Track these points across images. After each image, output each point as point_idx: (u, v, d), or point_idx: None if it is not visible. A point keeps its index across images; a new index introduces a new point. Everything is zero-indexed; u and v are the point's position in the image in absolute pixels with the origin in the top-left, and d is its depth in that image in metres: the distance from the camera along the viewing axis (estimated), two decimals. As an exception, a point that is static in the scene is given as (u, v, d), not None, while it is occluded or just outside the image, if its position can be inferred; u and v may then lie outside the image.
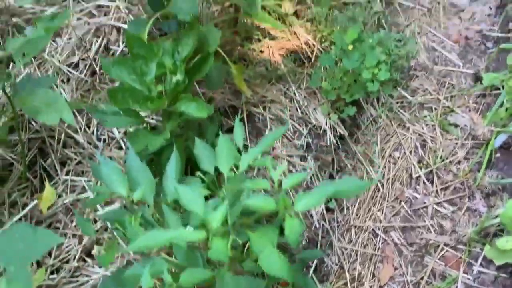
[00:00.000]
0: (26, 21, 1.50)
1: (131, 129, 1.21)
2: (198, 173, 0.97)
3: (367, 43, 1.34)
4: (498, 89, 1.70)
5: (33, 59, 1.40)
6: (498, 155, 1.59)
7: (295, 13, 1.63)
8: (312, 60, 1.59)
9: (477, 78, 1.79)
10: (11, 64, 1.38)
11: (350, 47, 1.33)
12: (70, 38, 1.45)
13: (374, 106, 1.74)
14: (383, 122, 1.72)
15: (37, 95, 1.02)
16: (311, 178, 1.40)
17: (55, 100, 1.02)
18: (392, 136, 1.70)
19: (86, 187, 1.20)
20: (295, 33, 1.61)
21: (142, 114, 1.14)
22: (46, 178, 1.22)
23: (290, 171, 1.38)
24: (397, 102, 1.75)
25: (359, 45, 1.40)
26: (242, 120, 1.41)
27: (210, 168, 0.95)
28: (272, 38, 1.57)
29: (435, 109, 1.75)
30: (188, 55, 1.11)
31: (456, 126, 1.70)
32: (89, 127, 1.31)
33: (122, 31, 1.47)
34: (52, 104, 1.01)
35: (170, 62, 1.11)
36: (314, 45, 1.60)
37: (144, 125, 1.16)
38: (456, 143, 1.66)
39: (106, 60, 1.05)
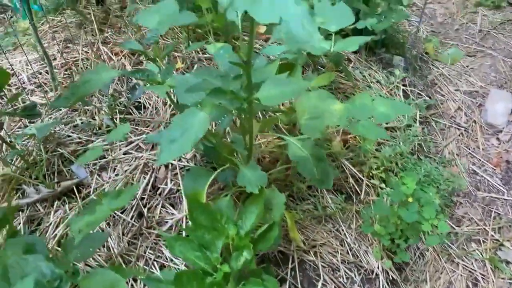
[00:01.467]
0: (73, 152, 1.47)
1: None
2: None
3: (426, 196, 1.30)
4: (548, 223, 1.65)
5: (79, 199, 1.35)
6: (557, 301, 1.51)
7: (341, 145, 1.62)
8: (361, 196, 1.55)
9: (524, 209, 1.75)
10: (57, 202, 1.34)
11: (410, 199, 1.29)
12: (116, 175, 1.42)
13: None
14: (430, 255, 1.65)
15: (95, 277, 0.96)
16: (367, 336, 1.30)
17: (116, 283, 0.95)
18: (441, 273, 1.62)
19: None
20: (342, 166, 1.58)
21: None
22: None
23: (346, 329, 1.29)
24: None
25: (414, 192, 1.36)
26: (293, 269, 1.34)
27: None
28: (320, 172, 1.54)
29: (484, 241, 1.69)
30: (253, 227, 1.06)
31: (507, 263, 1.63)
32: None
33: (170, 167, 1.44)
34: (111, 286, 0.95)
35: (233, 231, 1.06)
36: (362, 180, 1.57)
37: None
38: (510, 283, 1.58)
39: (171, 238, 1.00)
